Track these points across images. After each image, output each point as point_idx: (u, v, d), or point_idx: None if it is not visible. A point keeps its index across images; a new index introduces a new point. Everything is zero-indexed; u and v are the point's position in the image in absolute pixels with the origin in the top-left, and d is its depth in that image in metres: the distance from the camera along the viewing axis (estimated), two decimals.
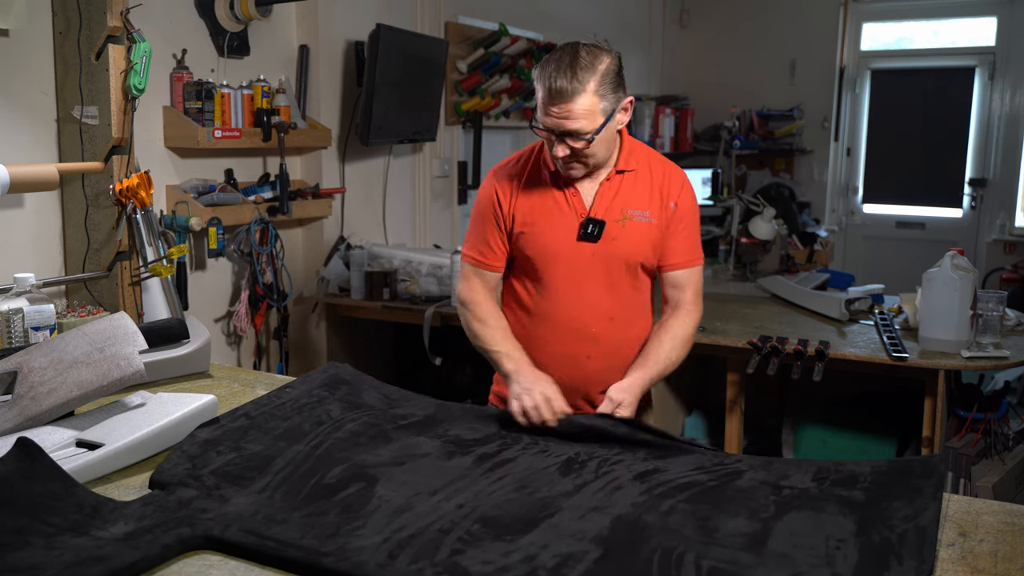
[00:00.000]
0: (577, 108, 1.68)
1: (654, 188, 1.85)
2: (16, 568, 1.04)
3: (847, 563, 1.06)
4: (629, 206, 1.83)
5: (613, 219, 1.82)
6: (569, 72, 1.68)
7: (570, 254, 1.83)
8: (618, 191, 1.83)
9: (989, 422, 2.80)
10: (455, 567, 1.06)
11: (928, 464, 1.33)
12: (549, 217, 1.84)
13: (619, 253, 1.83)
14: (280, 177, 3.17)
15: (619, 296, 1.86)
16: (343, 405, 1.65)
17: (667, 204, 1.85)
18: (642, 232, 1.83)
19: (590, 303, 1.85)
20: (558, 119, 1.70)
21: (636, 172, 1.85)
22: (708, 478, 1.34)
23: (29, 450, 1.28)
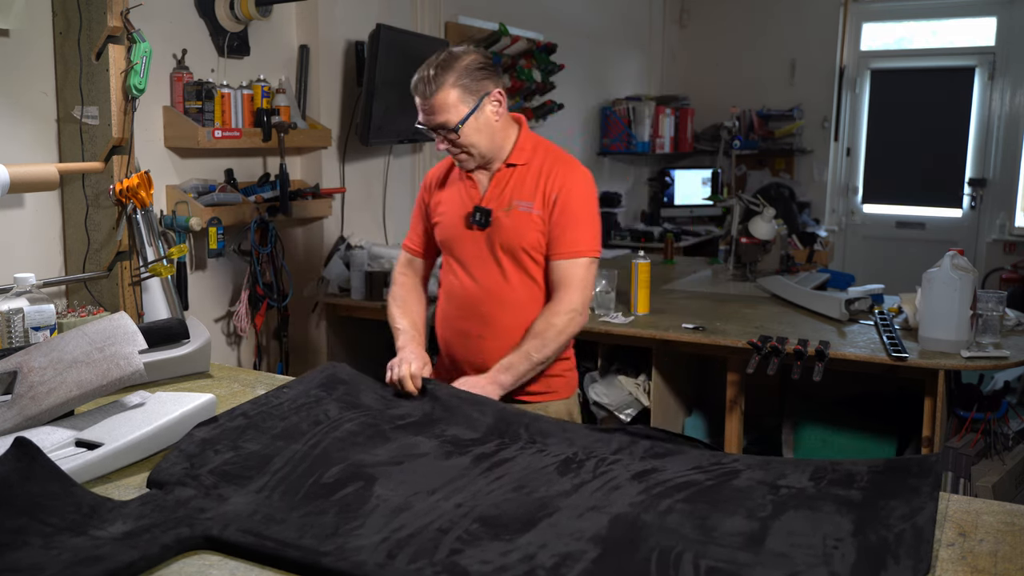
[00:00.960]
0: (437, 103, 1.91)
1: (540, 182, 1.99)
2: (15, 568, 1.04)
3: (844, 562, 1.06)
4: (516, 197, 1.99)
5: (500, 208, 1.99)
6: (429, 71, 1.92)
7: (463, 239, 2.03)
8: (508, 183, 2.00)
9: (989, 422, 2.80)
10: (454, 566, 1.06)
11: (925, 463, 1.33)
12: (452, 207, 2.06)
13: (501, 239, 1.99)
14: (280, 177, 3.18)
15: (509, 282, 2.00)
16: (341, 405, 1.65)
17: (549, 198, 1.98)
18: (524, 221, 1.97)
19: (483, 286, 2.02)
20: (425, 115, 1.94)
21: (527, 166, 2.01)
22: (706, 478, 1.34)
23: (27, 450, 1.28)
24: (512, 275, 2.00)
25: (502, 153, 2.01)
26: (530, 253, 1.98)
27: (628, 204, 6.12)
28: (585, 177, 2.01)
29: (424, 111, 1.94)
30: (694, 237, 5.70)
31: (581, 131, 5.63)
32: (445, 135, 1.94)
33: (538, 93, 4.81)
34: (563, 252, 1.97)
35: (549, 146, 2.06)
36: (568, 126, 5.39)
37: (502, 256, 1.99)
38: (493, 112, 1.96)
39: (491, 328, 2.01)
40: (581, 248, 1.98)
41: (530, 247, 1.98)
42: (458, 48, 1.96)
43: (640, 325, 2.95)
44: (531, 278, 2.01)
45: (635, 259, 3.11)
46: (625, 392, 3.13)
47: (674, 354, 3.04)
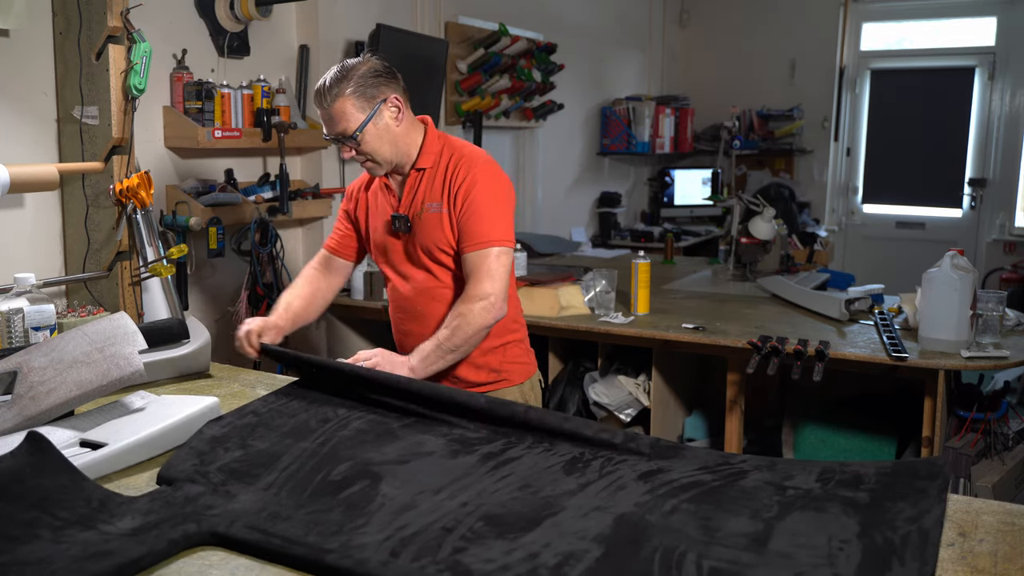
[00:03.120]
0: (335, 112, 1.95)
1: (445, 181, 2.04)
2: (25, 561, 1.04)
3: (849, 563, 1.06)
4: (427, 199, 2.05)
5: (414, 212, 2.06)
6: (324, 83, 1.95)
7: (391, 245, 2.11)
8: (418, 187, 2.06)
9: (989, 422, 2.80)
10: (457, 565, 1.06)
11: (933, 466, 1.33)
12: (374, 215, 2.14)
13: (419, 242, 2.06)
14: (280, 177, 3.18)
15: (438, 279, 2.08)
16: (350, 404, 1.64)
17: (454, 195, 2.02)
18: (435, 222, 2.03)
19: (415, 287, 2.10)
20: (326, 125, 1.99)
21: (434, 169, 2.06)
22: (712, 478, 1.34)
23: (39, 444, 1.30)
24: (439, 273, 2.07)
25: (409, 158, 2.06)
26: (446, 251, 2.05)
27: (628, 204, 6.12)
28: (488, 170, 2.03)
29: (324, 122, 1.99)
30: (694, 237, 5.70)
31: (581, 131, 5.63)
32: (346, 143, 1.99)
33: (538, 93, 4.81)
34: (470, 244, 2.00)
35: (455, 144, 2.09)
36: (568, 126, 5.39)
37: (423, 257, 2.07)
38: (392, 117, 2.00)
39: (429, 326, 2.07)
40: (488, 238, 1.99)
41: (445, 246, 2.04)
42: (353, 60, 1.99)
43: (640, 325, 2.95)
44: (449, 271, 2.08)
45: (635, 259, 3.11)
46: (625, 392, 3.13)
47: (674, 354, 3.04)
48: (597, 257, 4.67)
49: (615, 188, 5.93)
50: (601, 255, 4.78)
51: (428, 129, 2.10)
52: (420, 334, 2.07)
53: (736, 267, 3.88)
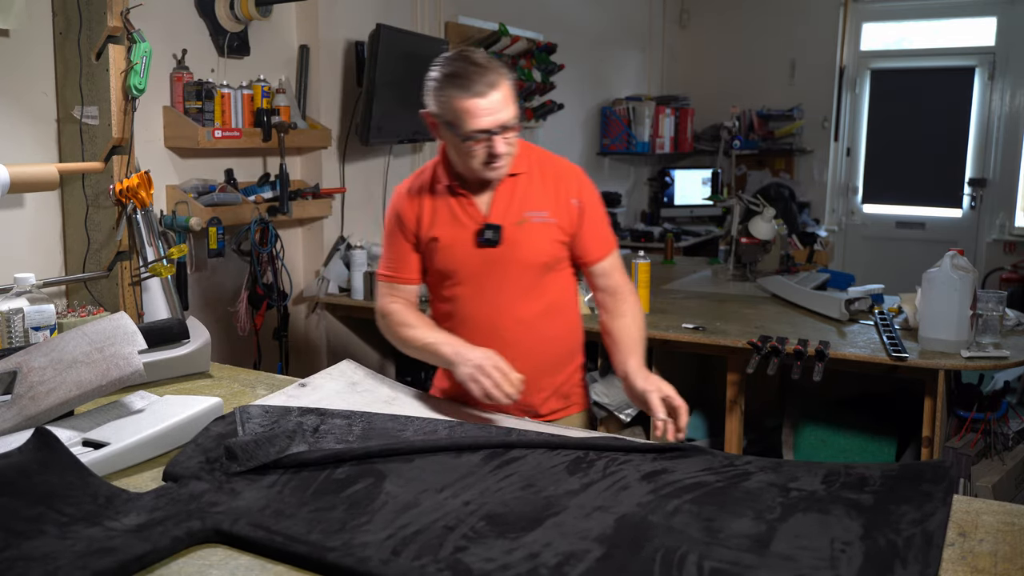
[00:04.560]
0: (504, 96, 1.71)
1: (549, 187, 1.86)
2: (30, 557, 1.05)
3: (851, 566, 1.06)
4: (526, 208, 1.84)
5: (511, 223, 1.83)
6: (480, 69, 1.70)
7: (472, 261, 1.84)
8: (513, 194, 1.84)
9: (989, 422, 2.80)
10: (457, 564, 1.06)
11: (939, 469, 1.33)
12: (449, 228, 1.85)
13: (520, 256, 1.83)
14: (280, 177, 3.18)
15: (529, 299, 1.86)
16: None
17: (568, 202, 1.87)
18: (542, 233, 1.84)
19: (499, 308, 1.86)
20: (491, 116, 1.70)
21: (529, 174, 1.86)
22: (716, 479, 1.33)
23: (47, 440, 1.30)
24: (530, 292, 1.86)
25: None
26: (550, 265, 1.87)
27: (628, 204, 6.12)
28: (584, 173, 1.95)
29: (487, 111, 1.70)
30: (694, 237, 5.70)
31: (581, 131, 5.62)
32: (506, 135, 1.74)
33: (538, 93, 4.81)
34: (604, 251, 1.91)
35: (536, 148, 1.93)
36: (568, 126, 5.39)
37: (520, 273, 1.84)
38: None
39: (514, 350, 1.81)
40: (613, 240, 1.94)
41: (551, 259, 1.86)
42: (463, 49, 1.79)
43: None
44: (547, 290, 1.89)
45: (635, 259, 3.11)
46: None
47: (674, 354, 3.04)
48: None
49: (615, 188, 5.93)
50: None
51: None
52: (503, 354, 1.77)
53: (736, 267, 3.88)
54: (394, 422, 1.57)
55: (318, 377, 1.86)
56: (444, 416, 1.70)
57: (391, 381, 1.89)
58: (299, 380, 1.85)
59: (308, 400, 1.72)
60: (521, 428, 1.64)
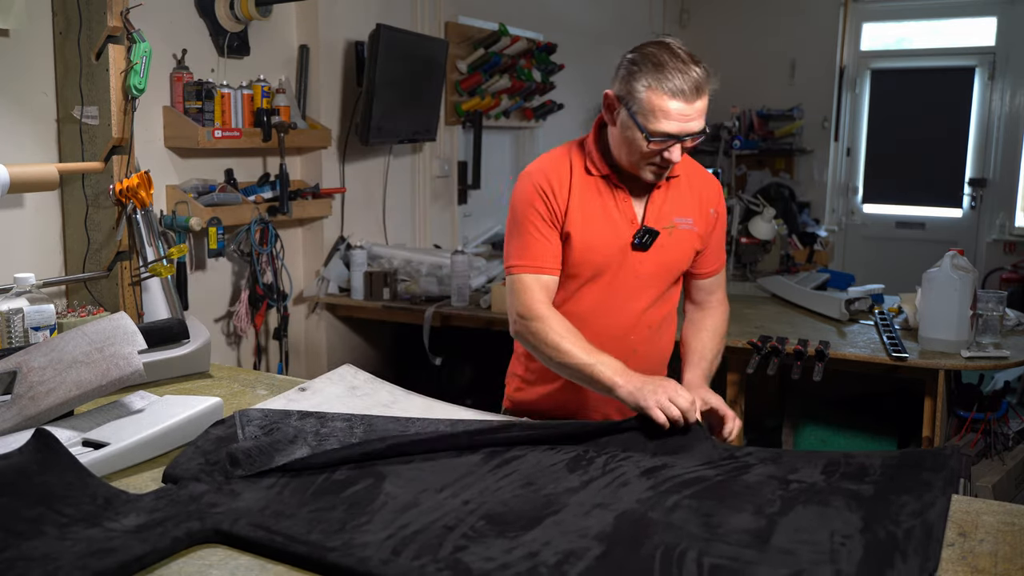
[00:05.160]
0: (702, 105, 1.64)
1: (694, 195, 1.82)
2: (30, 557, 1.05)
3: (851, 560, 1.06)
4: (675, 214, 1.79)
5: (662, 227, 1.77)
6: (695, 74, 1.61)
7: (619, 262, 1.75)
8: (666, 199, 1.78)
9: (989, 422, 2.80)
10: (457, 563, 1.06)
11: (939, 457, 1.33)
12: (599, 223, 1.74)
13: (667, 262, 1.78)
14: (280, 177, 3.18)
15: (658, 304, 1.82)
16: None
17: (707, 211, 1.83)
18: (686, 240, 1.80)
19: (634, 312, 1.79)
20: (687, 123, 1.63)
21: (680, 179, 1.81)
22: (716, 473, 1.33)
23: (47, 441, 1.30)
24: (659, 298, 1.82)
25: None
26: (684, 272, 1.85)
27: None
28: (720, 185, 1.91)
29: (684, 118, 1.63)
30: None
31: (581, 131, 5.62)
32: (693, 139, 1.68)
33: (538, 93, 4.81)
34: (718, 266, 1.89)
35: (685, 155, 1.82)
36: (568, 126, 5.39)
37: (659, 279, 1.79)
38: None
39: (638, 356, 1.78)
40: (724, 259, 1.93)
41: (687, 267, 1.84)
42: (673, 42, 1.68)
43: None
44: (671, 296, 1.86)
45: None
46: None
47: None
48: None
49: None
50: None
51: None
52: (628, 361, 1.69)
53: (736, 267, 3.88)
54: (395, 423, 1.57)
55: (318, 381, 1.86)
56: (445, 416, 1.69)
57: (391, 385, 1.89)
58: (299, 384, 1.85)
59: (308, 404, 1.71)
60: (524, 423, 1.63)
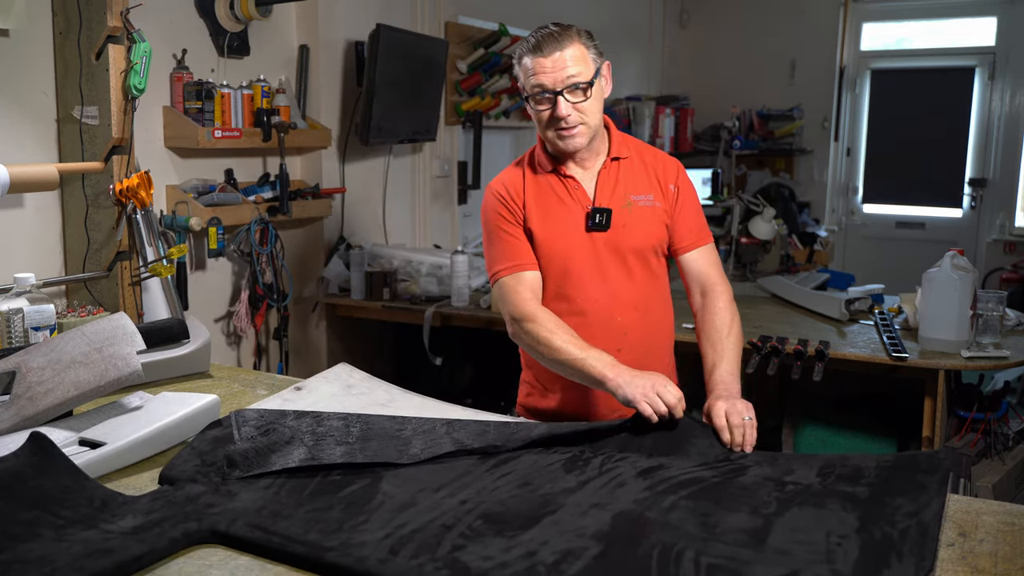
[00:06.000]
0: (569, 56, 1.72)
1: (649, 173, 1.87)
2: (25, 559, 1.05)
3: (847, 560, 1.06)
4: (631, 192, 1.84)
5: (619, 206, 1.82)
6: (551, 33, 1.74)
7: (583, 246, 1.82)
8: (617, 178, 1.84)
9: (989, 422, 2.80)
10: (455, 562, 1.06)
11: (934, 460, 1.34)
12: (555, 213, 1.83)
13: (630, 240, 1.82)
14: (280, 177, 3.18)
15: (638, 284, 1.85)
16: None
17: (667, 187, 1.87)
18: (649, 216, 1.84)
19: (612, 293, 1.83)
20: (554, 73, 1.72)
21: (631, 159, 1.87)
22: (712, 474, 1.34)
23: (42, 444, 1.30)
24: (638, 277, 1.85)
25: (601, 145, 1.86)
26: (656, 250, 1.86)
27: None
28: (681, 164, 1.93)
29: (550, 70, 1.71)
30: None
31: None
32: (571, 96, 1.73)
33: None
34: (698, 239, 1.88)
35: (633, 138, 1.94)
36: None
37: (629, 258, 1.83)
38: (606, 84, 1.81)
39: (629, 339, 1.83)
40: (708, 233, 1.91)
41: (657, 243, 1.85)
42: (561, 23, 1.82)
43: None
44: (656, 277, 1.88)
45: None
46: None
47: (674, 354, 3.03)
48: None
49: None
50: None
51: (611, 123, 1.90)
52: (616, 350, 1.75)
53: (736, 267, 3.88)
54: (391, 422, 1.57)
55: (313, 380, 1.86)
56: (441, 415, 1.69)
57: (387, 384, 1.89)
58: (295, 383, 1.85)
59: (304, 403, 1.71)
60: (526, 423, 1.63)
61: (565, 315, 1.81)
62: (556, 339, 1.71)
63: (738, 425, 1.55)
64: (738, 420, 1.56)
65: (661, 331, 1.93)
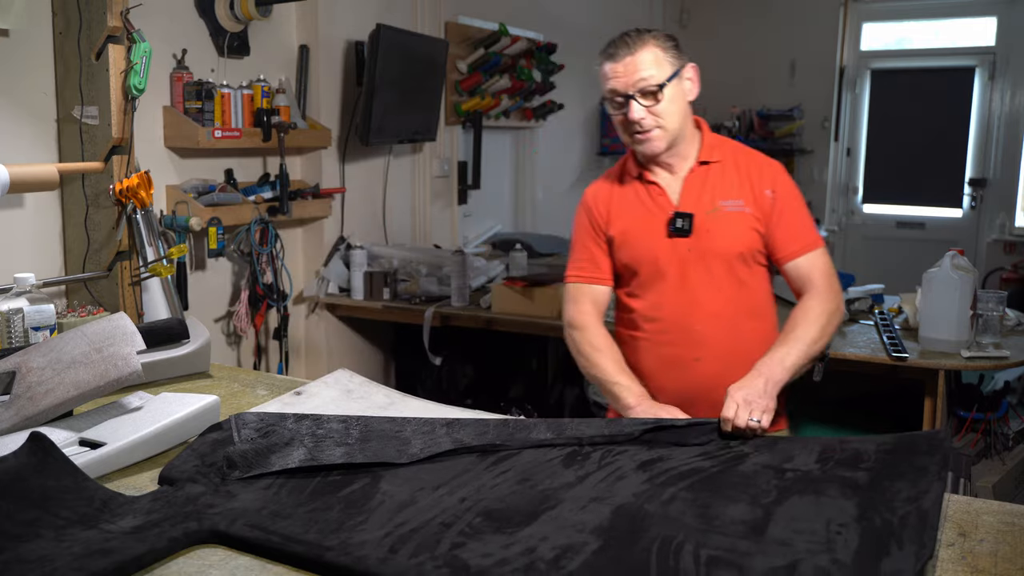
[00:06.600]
0: (640, 60, 1.72)
1: (743, 177, 1.80)
2: (25, 559, 1.05)
3: (847, 548, 1.06)
4: (719, 196, 1.78)
5: (704, 211, 1.77)
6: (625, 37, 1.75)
7: (664, 253, 1.79)
8: (705, 182, 1.79)
9: (989, 422, 2.80)
10: (455, 560, 1.06)
11: (933, 440, 1.33)
12: (638, 219, 1.82)
13: (715, 246, 1.77)
14: (280, 177, 3.18)
15: (723, 292, 1.78)
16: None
17: (761, 192, 1.78)
18: (736, 222, 1.77)
19: (692, 301, 1.78)
20: (625, 77, 1.72)
21: (722, 163, 1.81)
22: (711, 464, 1.34)
23: (42, 444, 1.30)
24: (724, 285, 1.78)
25: (689, 149, 1.82)
26: (746, 257, 1.78)
27: None
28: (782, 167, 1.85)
29: (622, 74, 1.72)
30: None
31: (581, 131, 5.62)
32: (644, 99, 1.72)
33: (538, 93, 4.81)
34: (803, 246, 1.77)
35: (732, 141, 1.89)
36: (568, 126, 5.39)
37: (713, 265, 1.77)
38: (689, 87, 1.79)
39: (707, 348, 1.77)
40: (814, 238, 1.79)
41: (746, 250, 1.78)
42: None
43: None
44: (744, 285, 1.79)
45: None
46: None
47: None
48: None
49: None
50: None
51: (704, 125, 1.88)
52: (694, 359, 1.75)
53: None
54: (391, 423, 1.57)
55: (313, 385, 1.86)
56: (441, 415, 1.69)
57: (386, 388, 1.89)
58: (294, 388, 1.85)
59: (303, 408, 1.71)
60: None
61: (642, 320, 1.82)
62: (597, 356, 1.78)
63: (740, 427, 1.48)
64: (742, 422, 1.47)
65: (750, 344, 1.77)
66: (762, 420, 1.49)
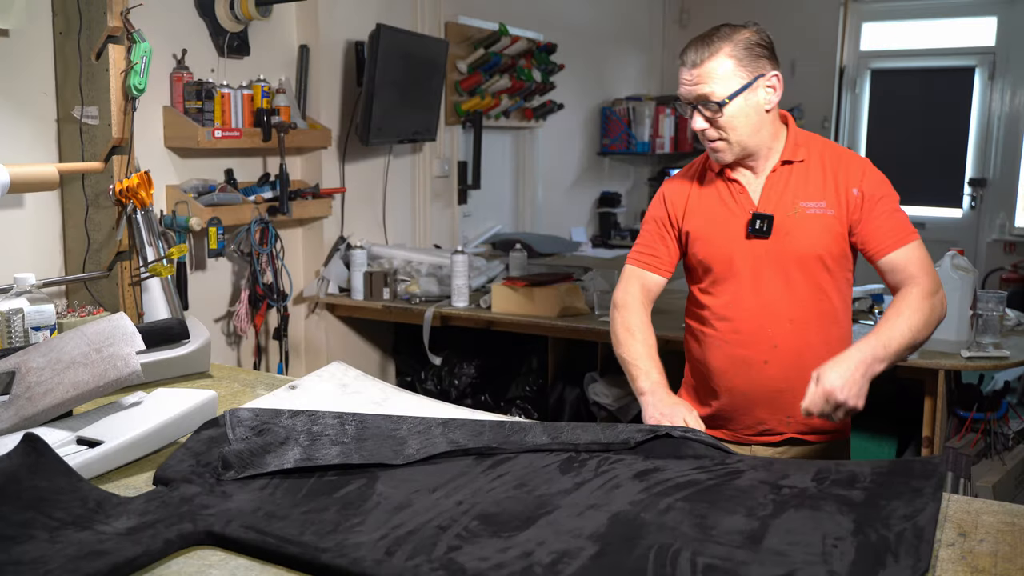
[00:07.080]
0: (705, 72, 1.69)
1: (828, 177, 1.75)
2: (19, 561, 1.04)
3: (843, 561, 1.06)
4: (800, 198, 1.74)
5: (784, 213, 1.74)
6: (702, 40, 1.72)
7: (740, 253, 1.76)
8: (787, 183, 1.75)
9: (989, 422, 2.80)
10: (451, 563, 1.06)
11: (929, 465, 1.33)
12: (716, 217, 1.79)
13: (793, 248, 1.73)
14: (280, 177, 3.18)
15: (798, 296, 1.75)
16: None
17: (848, 192, 1.73)
18: (816, 224, 1.73)
19: (766, 303, 1.75)
20: (689, 86, 1.71)
21: (806, 163, 1.76)
22: (708, 477, 1.34)
23: (35, 445, 1.30)
24: (800, 288, 1.74)
25: (771, 150, 1.77)
26: (825, 261, 1.74)
27: (628, 204, 6.12)
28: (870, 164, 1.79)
29: (687, 82, 1.71)
30: None
31: (581, 131, 5.62)
32: (705, 111, 1.70)
33: (538, 93, 4.81)
34: (898, 240, 1.70)
35: (820, 138, 1.82)
36: (568, 126, 5.39)
37: (790, 267, 1.73)
38: (766, 98, 1.71)
39: (779, 352, 1.75)
40: (908, 232, 1.72)
41: (826, 253, 1.73)
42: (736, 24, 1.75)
43: None
44: (821, 290, 1.75)
45: None
46: (625, 392, 3.12)
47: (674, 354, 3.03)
48: (597, 257, 4.67)
49: (615, 188, 5.93)
50: (601, 255, 4.78)
51: (791, 122, 1.80)
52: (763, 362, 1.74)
53: None
54: (387, 421, 1.57)
55: (308, 379, 1.85)
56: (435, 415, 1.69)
57: (381, 383, 1.89)
58: (289, 383, 1.85)
59: (298, 403, 1.71)
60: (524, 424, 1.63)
61: (714, 318, 1.81)
62: (628, 337, 1.83)
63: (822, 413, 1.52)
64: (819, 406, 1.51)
65: (821, 350, 1.71)
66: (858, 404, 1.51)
